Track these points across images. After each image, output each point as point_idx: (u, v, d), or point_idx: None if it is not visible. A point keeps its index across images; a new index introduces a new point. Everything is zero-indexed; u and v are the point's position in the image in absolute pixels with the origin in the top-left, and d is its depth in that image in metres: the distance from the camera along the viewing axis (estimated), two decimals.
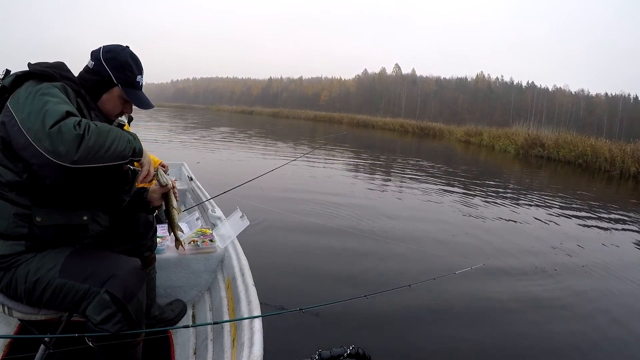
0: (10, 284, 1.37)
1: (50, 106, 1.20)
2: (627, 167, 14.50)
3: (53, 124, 1.16)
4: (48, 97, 1.24)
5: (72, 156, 1.16)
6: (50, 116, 1.17)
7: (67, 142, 1.15)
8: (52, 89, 1.30)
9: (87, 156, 1.19)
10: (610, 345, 2.86)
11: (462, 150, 22.34)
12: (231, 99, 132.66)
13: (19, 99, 1.26)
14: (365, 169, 11.28)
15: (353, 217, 5.53)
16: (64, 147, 1.15)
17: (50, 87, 1.30)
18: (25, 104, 1.23)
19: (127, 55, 1.56)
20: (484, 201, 7.54)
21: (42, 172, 1.27)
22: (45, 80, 1.35)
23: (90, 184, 1.46)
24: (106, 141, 1.24)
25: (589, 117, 77.43)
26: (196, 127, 24.68)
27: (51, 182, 1.31)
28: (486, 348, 2.67)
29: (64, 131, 1.16)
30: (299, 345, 2.42)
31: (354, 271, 3.73)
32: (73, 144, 1.16)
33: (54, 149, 1.15)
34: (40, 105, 1.21)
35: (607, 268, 4.41)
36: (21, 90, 1.29)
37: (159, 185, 1.71)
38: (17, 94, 1.28)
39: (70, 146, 1.16)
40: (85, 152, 1.18)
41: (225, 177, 7.62)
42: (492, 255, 4.47)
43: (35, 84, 1.32)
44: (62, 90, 1.34)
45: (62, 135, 1.15)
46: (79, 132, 1.17)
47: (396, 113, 76.50)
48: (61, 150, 1.15)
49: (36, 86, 1.29)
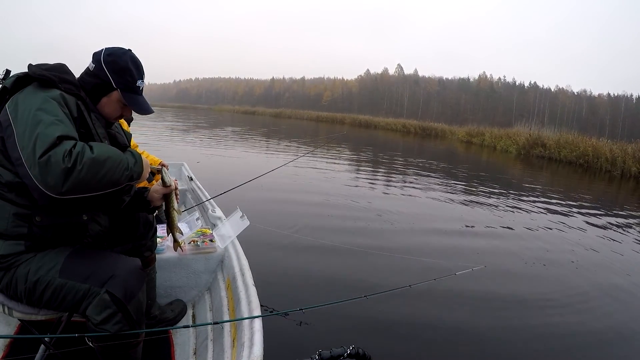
0: (10, 284, 1.37)
1: (42, 129, 1.20)
2: (628, 167, 14.45)
3: (42, 153, 1.16)
4: (42, 114, 1.24)
5: (59, 189, 1.16)
6: (41, 142, 1.17)
7: (55, 174, 1.15)
8: (49, 103, 1.29)
9: (75, 188, 1.19)
10: (613, 346, 2.86)
11: (464, 151, 22.30)
12: (233, 99, 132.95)
13: (17, 109, 1.26)
14: (366, 169, 11.28)
15: (353, 217, 5.53)
16: (52, 179, 1.15)
17: (47, 100, 1.30)
18: (22, 118, 1.24)
19: (128, 59, 1.55)
20: (485, 202, 7.52)
21: (33, 193, 1.28)
22: (44, 85, 1.35)
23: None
24: (100, 171, 1.24)
25: (592, 117, 77.22)
26: (198, 127, 24.70)
27: (43, 204, 1.33)
28: (486, 348, 2.67)
29: (52, 162, 1.15)
30: (299, 345, 2.42)
31: (354, 271, 3.72)
32: (60, 177, 1.16)
33: (42, 178, 1.16)
34: (34, 124, 1.21)
35: (610, 267, 4.41)
36: (20, 97, 1.29)
37: (162, 184, 1.71)
38: (17, 100, 1.29)
39: (57, 179, 1.15)
40: (74, 184, 1.18)
41: (225, 177, 7.63)
42: (493, 256, 4.46)
43: (35, 90, 1.32)
44: (60, 102, 1.33)
45: (50, 166, 1.15)
46: (67, 165, 1.16)
47: (398, 113, 76.53)
48: (49, 181, 1.16)
49: (35, 96, 1.29)
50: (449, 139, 31.54)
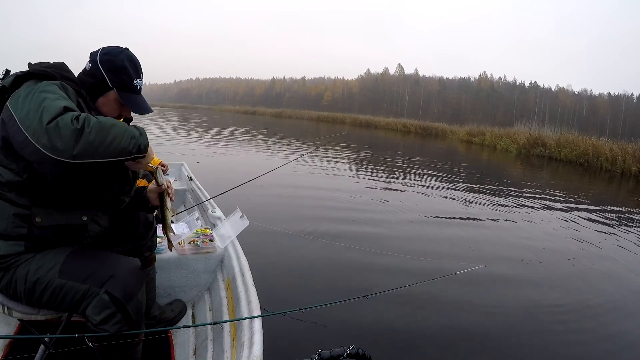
0: (10, 284, 1.37)
1: (48, 103, 1.19)
2: (628, 166, 14.52)
3: (50, 120, 1.15)
4: (46, 94, 1.24)
5: (71, 151, 1.14)
6: (48, 112, 1.16)
7: (65, 137, 1.13)
8: (50, 86, 1.30)
9: (86, 151, 1.16)
10: (612, 345, 2.86)
11: (464, 150, 22.30)
12: (234, 100, 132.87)
13: (19, 98, 1.26)
14: (366, 169, 11.27)
15: (353, 216, 5.53)
16: (61, 143, 1.13)
17: (49, 84, 1.30)
18: (24, 103, 1.23)
19: (124, 58, 1.54)
20: (485, 201, 7.52)
21: (41, 169, 1.27)
22: (45, 79, 1.36)
23: (90, 184, 1.45)
24: (107, 136, 1.21)
25: (592, 117, 77.14)
26: (198, 127, 24.70)
27: (52, 179, 1.30)
28: (487, 348, 2.67)
29: (61, 126, 1.14)
30: (299, 345, 2.42)
31: (354, 271, 3.73)
32: (71, 138, 1.14)
33: (51, 144, 1.13)
34: (39, 102, 1.20)
35: (608, 268, 4.40)
36: (21, 90, 1.29)
37: (157, 184, 1.71)
38: (17, 94, 1.29)
39: (68, 141, 1.14)
40: (84, 146, 1.16)
41: (225, 176, 7.63)
42: (493, 256, 4.46)
43: (35, 83, 1.32)
44: (61, 88, 1.34)
45: (59, 130, 1.14)
46: (76, 127, 1.15)
47: (399, 113, 76.47)
48: (59, 146, 1.13)
49: (35, 85, 1.29)
50: (450, 138, 31.52)
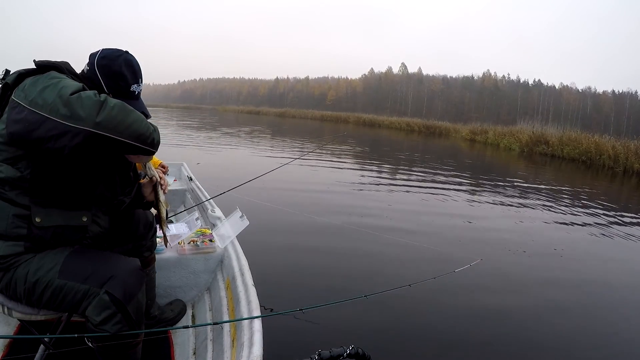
0: (10, 285, 1.37)
1: (66, 82, 1.20)
2: (631, 164, 14.52)
3: (72, 92, 1.15)
4: (59, 78, 1.24)
5: (94, 118, 1.13)
6: (69, 87, 1.17)
7: (88, 106, 1.13)
8: (60, 74, 1.30)
9: (109, 123, 1.15)
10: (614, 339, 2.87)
11: (467, 148, 22.24)
12: (238, 100, 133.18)
13: (25, 86, 1.25)
14: (368, 168, 11.25)
15: (354, 217, 5.52)
16: (84, 112, 1.13)
17: (58, 73, 1.31)
18: (35, 85, 1.22)
19: (122, 62, 1.51)
20: (485, 199, 7.51)
21: (59, 144, 1.16)
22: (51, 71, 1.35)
23: (92, 181, 1.46)
24: (128, 117, 1.20)
25: (596, 114, 76.78)
26: (201, 127, 24.75)
27: (69, 152, 1.19)
28: (487, 346, 2.66)
29: (84, 97, 1.14)
30: (299, 345, 2.42)
31: (354, 271, 3.73)
32: (94, 108, 1.14)
33: (72, 113, 1.13)
34: (55, 82, 1.20)
35: (610, 264, 4.40)
36: (26, 81, 1.28)
37: (148, 177, 1.71)
38: (23, 84, 1.27)
39: (91, 110, 1.13)
40: (107, 118, 1.15)
41: (225, 176, 7.63)
42: (492, 253, 4.46)
43: (41, 75, 1.31)
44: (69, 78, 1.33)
45: (82, 101, 1.14)
46: (100, 99, 1.15)
47: (402, 112, 76.48)
48: (81, 114, 1.13)
49: (42, 75, 1.28)
50: (453, 137, 31.46)
